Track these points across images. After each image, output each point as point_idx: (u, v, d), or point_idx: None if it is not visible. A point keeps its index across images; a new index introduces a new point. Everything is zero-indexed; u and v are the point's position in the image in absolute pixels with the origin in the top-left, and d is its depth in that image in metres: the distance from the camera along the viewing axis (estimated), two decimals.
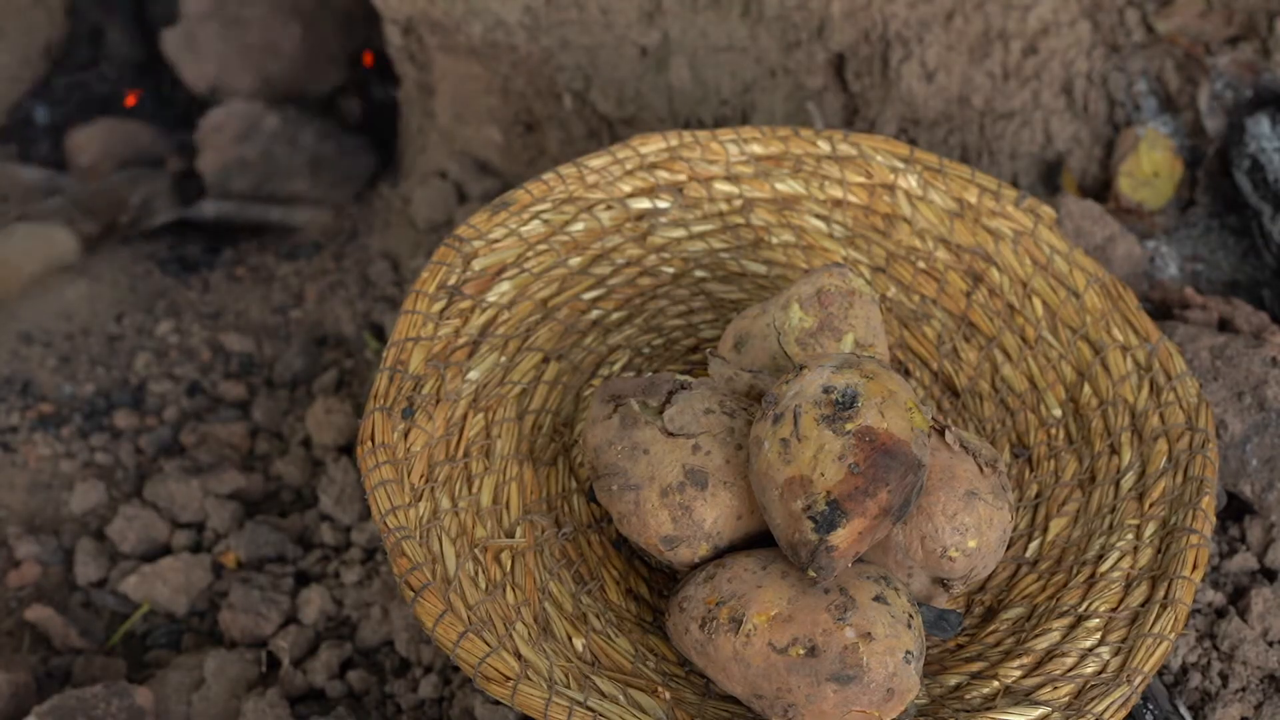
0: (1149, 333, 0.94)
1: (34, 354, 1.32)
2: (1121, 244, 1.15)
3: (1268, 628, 0.92)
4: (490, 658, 0.72)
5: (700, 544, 0.78)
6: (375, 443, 0.79)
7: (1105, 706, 0.75)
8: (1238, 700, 0.89)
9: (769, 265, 1.01)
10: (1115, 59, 1.27)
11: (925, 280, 1.00)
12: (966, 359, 0.98)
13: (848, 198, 1.01)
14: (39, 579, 1.09)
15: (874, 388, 0.73)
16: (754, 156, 1.01)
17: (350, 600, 1.04)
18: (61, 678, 1.01)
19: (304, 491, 1.16)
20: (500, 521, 0.83)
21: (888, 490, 0.71)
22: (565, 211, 0.96)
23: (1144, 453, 0.89)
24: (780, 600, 0.73)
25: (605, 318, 0.97)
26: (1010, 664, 0.79)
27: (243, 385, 1.29)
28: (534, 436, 0.89)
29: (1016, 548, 0.89)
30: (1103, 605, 0.82)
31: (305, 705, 0.97)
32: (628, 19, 1.34)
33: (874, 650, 0.70)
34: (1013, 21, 1.27)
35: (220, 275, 1.46)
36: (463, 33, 1.39)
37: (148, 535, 1.11)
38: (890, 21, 1.28)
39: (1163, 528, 0.85)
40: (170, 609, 1.06)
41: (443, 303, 0.88)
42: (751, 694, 0.73)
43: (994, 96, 1.29)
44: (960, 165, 1.01)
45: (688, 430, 0.79)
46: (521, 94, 1.43)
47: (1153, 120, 1.26)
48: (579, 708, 0.71)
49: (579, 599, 0.81)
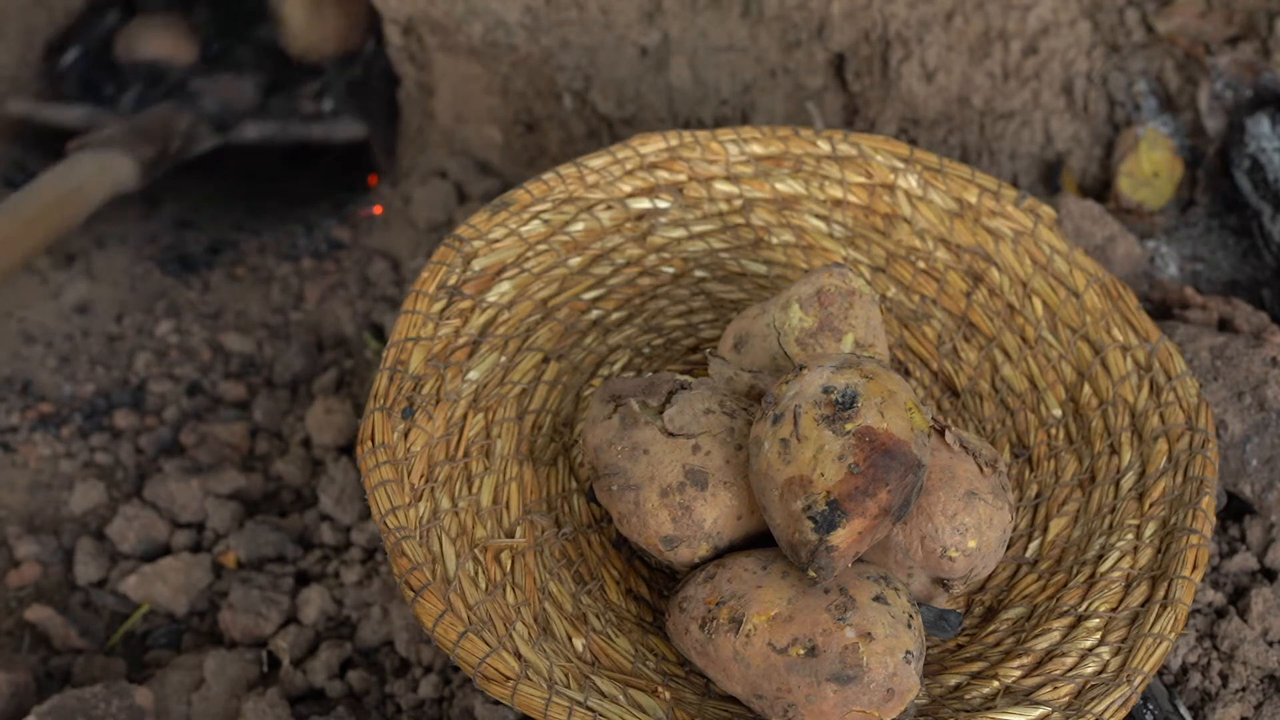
0: (1149, 333, 0.94)
1: (34, 354, 1.32)
2: (1121, 244, 1.15)
3: (1268, 628, 0.92)
4: (490, 658, 0.72)
5: (700, 544, 0.78)
6: (375, 443, 0.79)
7: (1105, 706, 0.75)
8: (1238, 700, 0.89)
9: (769, 265, 1.01)
10: (1115, 59, 1.27)
11: (925, 280, 1.00)
12: (966, 359, 0.98)
13: (848, 198, 1.01)
14: (39, 579, 1.09)
15: (874, 388, 0.73)
16: (754, 156, 1.01)
17: (350, 600, 1.04)
18: (61, 678, 1.01)
19: (304, 491, 1.16)
20: (500, 521, 0.83)
21: (888, 490, 0.71)
22: (565, 211, 0.96)
23: (1144, 453, 0.89)
24: (780, 600, 0.73)
25: (605, 318, 0.97)
26: (1010, 664, 0.79)
27: (243, 385, 1.29)
28: (534, 436, 0.89)
29: (1016, 548, 0.89)
30: (1103, 605, 0.82)
31: (305, 705, 0.97)
32: (628, 19, 1.34)
33: (874, 650, 0.70)
34: (1013, 21, 1.27)
35: (220, 275, 1.46)
36: (463, 33, 1.39)
37: (148, 535, 1.11)
38: (890, 21, 1.28)
39: (1163, 528, 0.85)
40: (170, 609, 1.06)
41: (443, 303, 0.88)
42: (751, 694, 0.73)
43: (994, 96, 1.29)
44: (960, 165, 1.01)
45: (688, 430, 0.79)
46: (521, 94, 1.43)
47: (1153, 120, 1.26)
48: (579, 708, 0.71)
49: (579, 599, 0.81)
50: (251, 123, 1.45)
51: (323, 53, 1.51)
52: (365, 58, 1.53)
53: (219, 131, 1.44)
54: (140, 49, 1.56)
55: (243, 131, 1.45)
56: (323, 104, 1.47)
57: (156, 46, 1.56)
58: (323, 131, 1.46)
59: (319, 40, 1.51)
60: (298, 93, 1.49)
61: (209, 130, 1.44)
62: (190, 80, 1.49)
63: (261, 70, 1.53)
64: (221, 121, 1.44)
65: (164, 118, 1.43)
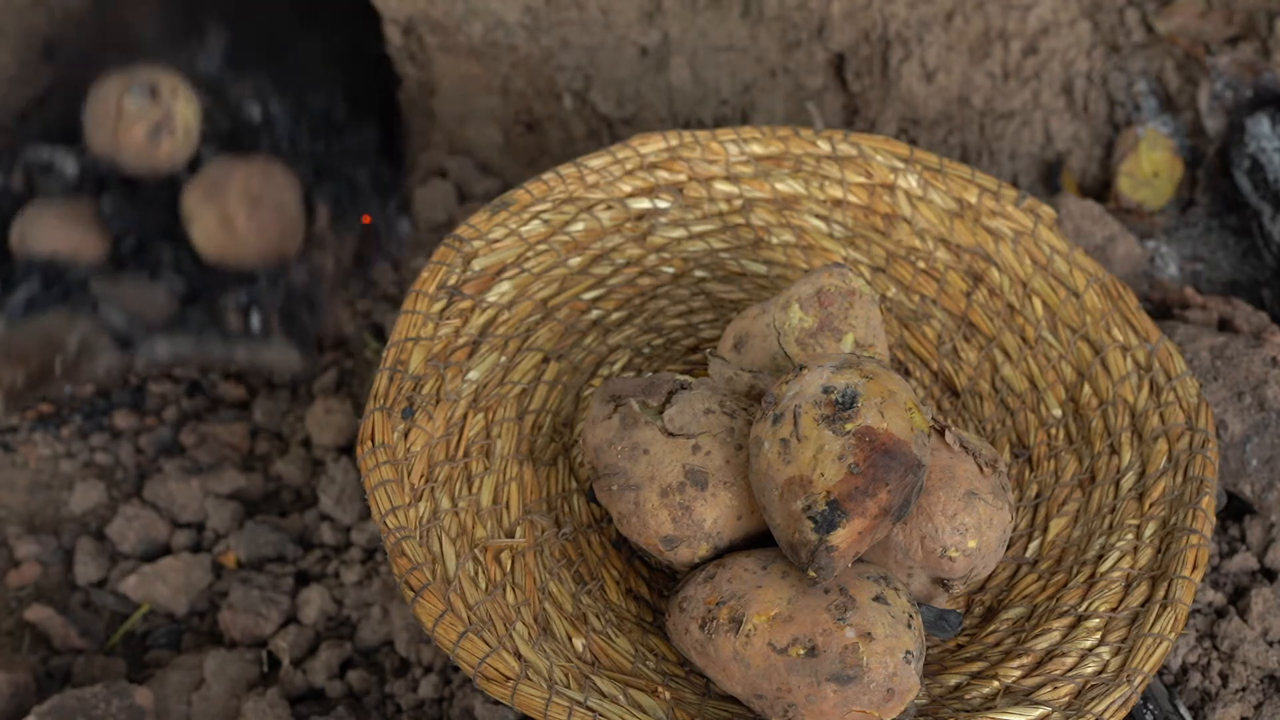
0: (1149, 333, 0.94)
1: None
2: (1121, 244, 1.15)
3: (1268, 628, 0.92)
4: (490, 658, 0.72)
5: (700, 544, 0.78)
6: (375, 443, 0.79)
7: (1105, 706, 0.75)
8: (1238, 700, 0.89)
9: (769, 265, 1.01)
10: (1115, 59, 1.27)
11: (925, 280, 1.00)
12: (966, 359, 0.98)
13: (848, 198, 1.01)
14: (39, 579, 1.09)
15: (874, 388, 0.73)
16: (754, 156, 1.01)
17: (350, 600, 1.04)
18: (61, 678, 1.01)
19: (304, 491, 1.16)
20: (500, 521, 0.83)
21: (888, 490, 0.71)
22: (565, 211, 0.96)
23: (1144, 453, 0.89)
24: (780, 600, 0.73)
25: (605, 318, 0.97)
26: (1010, 664, 0.79)
27: (243, 385, 1.29)
28: (534, 436, 0.89)
29: (1016, 548, 0.89)
30: (1103, 605, 0.82)
31: (305, 705, 0.97)
32: (628, 19, 1.34)
33: (874, 650, 0.70)
34: (1013, 21, 1.27)
35: None
36: (463, 33, 1.39)
37: (148, 535, 1.11)
38: (890, 21, 1.28)
39: (1163, 528, 0.85)
40: (170, 609, 1.06)
41: (443, 303, 0.88)
42: (751, 694, 0.73)
43: (994, 96, 1.29)
44: (960, 165, 1.01)
45: (688, 430, 0.79)
46: (521, 94, 1.43)
47: (1153, 120, 1.26)
48: (579, 708, 0.71)
49: (579, 599, 0.81)
50: (163, 338, 1.19)
51: (243, 262, 1.25)
52: (305, 266, 1.27)
53: (123, 348, 1.19)
54: (36, 241, 1.24)
55: (152, 349, 1.19)
56: (250, 320, 1.21)
57: (56, 239, 1.24)
58: (247, 355, 1.19)
59: (234, 249, 1.24)
60: (220, 304, 1.21)
61: (109, 346, 1.18)
62: (92, 282, 1.20)
63: (180, 274, 1.24)
64: (127, 336, 1.19)
65: (46, 332, 1.16)
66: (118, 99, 1.24)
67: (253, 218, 1.23)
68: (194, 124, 1.28)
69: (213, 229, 1.22)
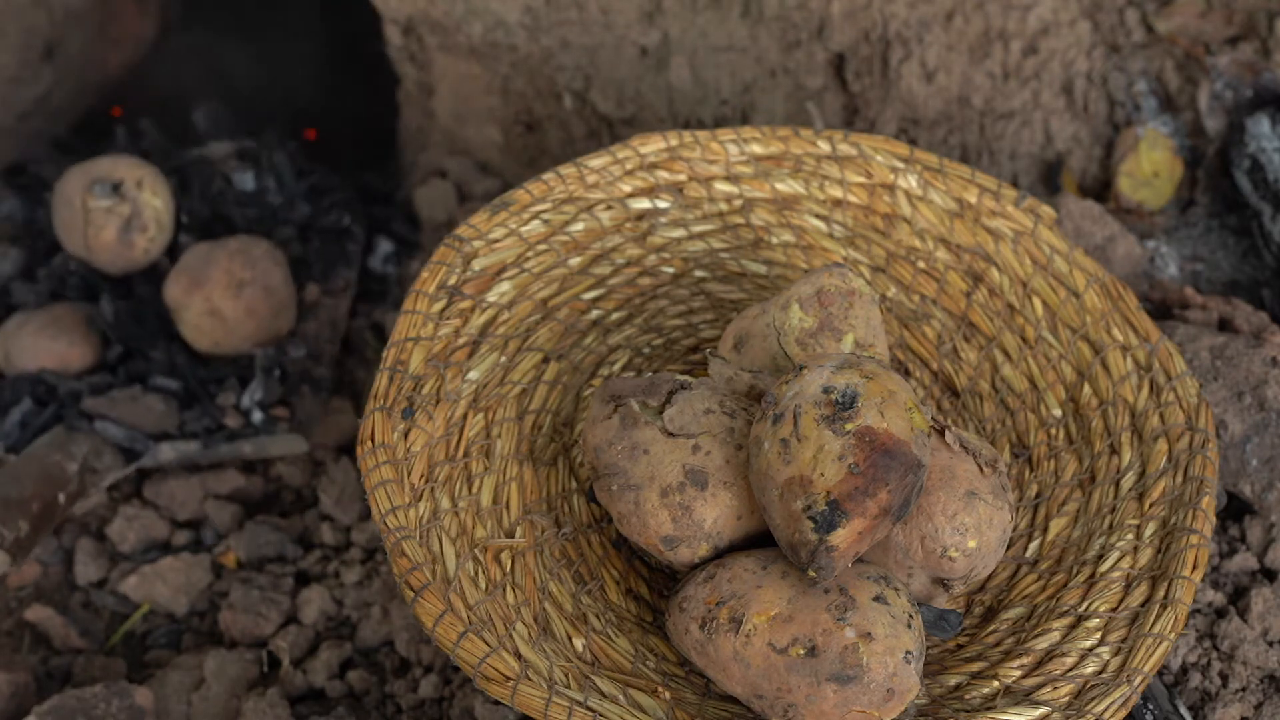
0: (1149, 333, 0.94)
1: None
2: (1121, 244, 1.15)
3: (1268, 628, 0.92)
4: (490, 658, 0.72)
5: (700, 544, 0.78)
6: (375, 443, 0.79)
7: (1105, 706, 0.75)
8: (1238, 700, 0.89)
9: (769, 265, 1.01)
10: (1115, 59, 1.27)
11: (925, 280, 1.00)
12: (966, 359, 0.98)
13: (848, 198, 1.01)
14: (39, 579, 1.09)
15: (874, 388, 0.73)
16: (754, 156, 1.01)
17: (350, 600, 1.04)
18: (61, 678, 1.01)
19: (304, 491, 1.16)
20: (500, 521, 0.83)
21: (888, 490, 0.71)
22: (565, 211, 0.96)
23: (1144, 453, 0.89)
24: (780, 600, 0.73)
25: (605, 318, 0.97)
26: (1010, 664, 0.79)
27: None
28: (534, 436, 0.89)
29: (1016, 548, 0.89)
30: (1103, 605, 0.82)
31: (305, 705, 0.97)
32: (628, 19, 1.34)
33: (874, 650, 0.70)
34: (1013, 21, 1.27)
35: None
36: (463, 33, 1.39)
37: (148, 535, 1.11)
38: (890, 21, 1.28)
39: (1163, 528, 0.85)
40: (170, 609, 1.06)
41: (443, 303, 0.88)
42: (751, 694, 0.73)
43: (994, 96, 1.29)
44: (960, 165, 1.01)
45: (688, 430, 0.79)
46: (521, 94, 1.43)
47: (1153, 120, 1.26)
48: (579, 708, 0.71)
49: (579, 599, 0.81)
50: (167, 444, 1.13)
51: (239, 349, 1.20)
52: (301, 340, 1.23)
53: (128, 459, 1.13)
54: (21, 357, 1.17)
55: (157, 455, 1.13)
56: (250, 412, 1.16)
57: (41, 353, 1.17)
58: (254, 450, 1.14)
59: (226, 339, 1.19)
60: (217, 402, 1.17)
61: (114, 458, 1.12)
62: (84, 398, 1.14)
63: (174, 374, 1.18)
64: (129, 448, 1.13)
65: (44, 467, 1.08)
66: (81, 199, 1.18)
67: (240, 303, 1.18)
68: (165, 213, 1.23)
69: (201, 321, 1.18)
